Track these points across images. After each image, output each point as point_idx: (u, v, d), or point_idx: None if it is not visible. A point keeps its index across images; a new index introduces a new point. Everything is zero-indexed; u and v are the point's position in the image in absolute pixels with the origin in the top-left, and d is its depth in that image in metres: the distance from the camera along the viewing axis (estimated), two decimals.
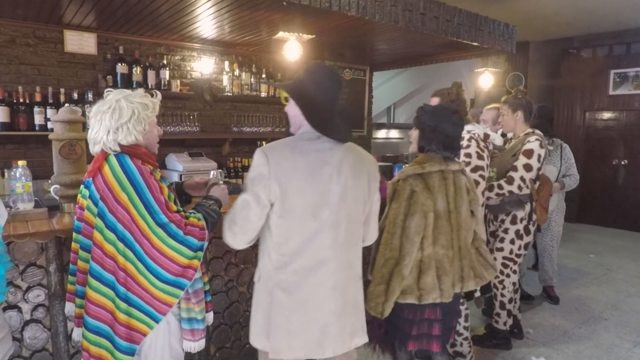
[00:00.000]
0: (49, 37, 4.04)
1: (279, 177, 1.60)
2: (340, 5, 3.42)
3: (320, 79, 1.69)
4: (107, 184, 1.68)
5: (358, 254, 1.80)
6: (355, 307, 1.78)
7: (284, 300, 1.67)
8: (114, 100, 1.72)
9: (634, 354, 3.21)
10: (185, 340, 1.83)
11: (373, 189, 1.79)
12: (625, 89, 7.02)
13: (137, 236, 1.65)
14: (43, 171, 3.72)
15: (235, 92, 5.03)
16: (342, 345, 1.72)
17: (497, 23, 4.81)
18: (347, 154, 1.70)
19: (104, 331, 1.74)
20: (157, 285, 1.67)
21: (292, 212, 1.63)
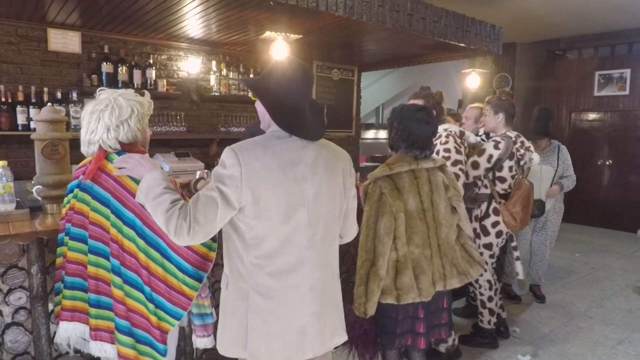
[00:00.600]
0: (32, 35, 3.98)
1: (251, 178, 1.51)
2: (328, 5, 3.42)
3: (287, 75, 1.61)
4: (118, 182, 1.65)
5: (335, 253, 1.77)
6: (334, 306, 1.75)
7: (261, 304, 1.60)
8: (112, 98, 1.70)
9: (618, 351, 3.25)
10: (199, 338, 1.81)
11: (349, 185, 1.75)
12: (610, 90, 7.13)
13: (158, 230, 1.62)
14: (26, 172, 3.66)
15: (222, 92, 5.00)
16: (322, 346, 1.69)
17: (483, 24, 4.85)
18: (320, 152, 1.65)
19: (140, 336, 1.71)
20: (179, 277, 1.66)
21: (266, 213, 1.55)
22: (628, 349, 3.29)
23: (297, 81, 1.62)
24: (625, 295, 4.37)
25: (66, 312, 1.78)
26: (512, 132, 3.14)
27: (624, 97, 7.01)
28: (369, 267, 2.12)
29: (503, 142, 3.02)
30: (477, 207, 3.14)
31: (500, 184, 3.09)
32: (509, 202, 3.02)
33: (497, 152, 3.01)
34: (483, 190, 3.11)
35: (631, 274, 4.99)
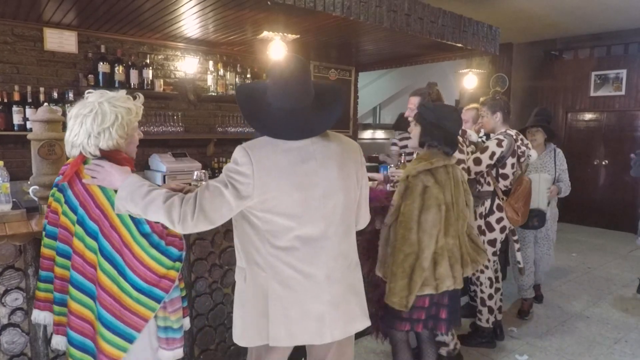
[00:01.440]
0: (28, 34, 3.96)
1: (263, 176, 1.57)
2: (325, 5, 3.41)
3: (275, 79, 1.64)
4: (87, 190, 1.63)
5: (352, 243, 1.81)
6: (352, 294, 1.78)
7: (281, 292, 1.67)
8: (97, 104, 1.65)
9: (615, 350, 3.26)
10: (160, 349, 1.78)
11: (361, 174, 1.80)
12: (606, 90, 7.16)
13: (117, 244, 1.61)
14: (22, 172, 3.64)
15: (219, 92, 4.99)
16: (342, 331, 1.75)
17: (480, 24, 4.86)
18: (329, 146, 1.69)
19: (89, 347, 1.69)
20: (133, 295, 1.63)
21: (279, 208, 1.61)
22: (625, 348, 3.30)
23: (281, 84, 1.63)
24: (622, 295, 4.38)
25: (39, 302, 1.81)
26: (511, 130, 3.22)
27: (620, 97, 7.04)
28: (414, 260, 2.16)
29: (506, 140, 3.09)
30: (481, 205, 3.17)
31: (503, 181, 3.16)
32: (512, 198, 3.12)
33: (500, 150, 3.07)
34: (486, 188, 3.17)
35: (627, 273, 5.01)
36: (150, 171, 4.49)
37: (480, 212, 3.18)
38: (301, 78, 1.64)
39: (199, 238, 2.55)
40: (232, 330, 2.73)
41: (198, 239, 2.54)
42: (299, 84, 1.64)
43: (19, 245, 2.00)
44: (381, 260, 2.33)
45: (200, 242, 2.55)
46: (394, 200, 2.28)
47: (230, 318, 2.72)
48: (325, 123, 1.69)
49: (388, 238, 2.30)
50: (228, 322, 2.71)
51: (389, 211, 2.31)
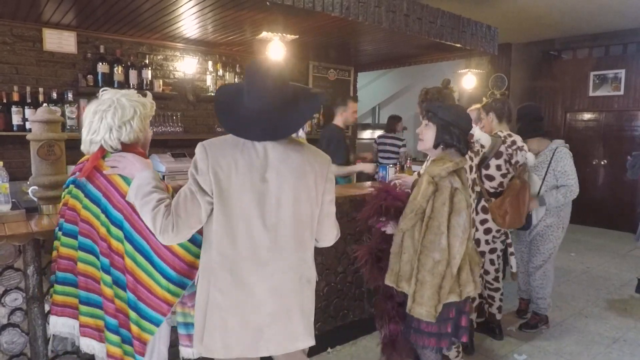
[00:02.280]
0: (27, 35, 3.97)
1: (217, 173, 1.55)
2: (324, 5, 3.42)
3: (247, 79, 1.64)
4: (110, 182, 1.65)
5: (305, 258, 1.71)
6: (298, 311, 1.70)
7: (220, 300, 1.62)
8: (115, 99, 1.71)
9: (613, 349, 3.27)
10: (182, 346, 1.79)
11: (322, 189, 1.71)
12: (605, 90, 7.16)
13: (144, 233, 1.63)
14: (22, 172, 3.65)
15: None
16: (279, 346, 1.68)
17: (479, 25, 4.87)
18: (289, 154, 1.63)
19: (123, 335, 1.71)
20: (162, 284, 1.65)
21: (229, 210, 1.58)
22: (623, 347, 3.31)
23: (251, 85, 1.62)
24: (620, 294, 4.39)
25: (57, 307, 1.80)
26: (503, 131, 3.20)
27: (618, 97, 7.04)
28: (445, 267, 2.02)
29: (483, 137, 3.07)
30: None
31: (489, 182, 3.13)
32: (497, 200, 3.05)
33: (483, 149, 3.05)
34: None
35: (626, 273, 5.02)
36: None
37: None
38: (270, 80, 1.60)
39: None
40: None
41: None
42: (267, 86, 1.60)
43: (19, 245, 2.01)
44: (393, 268, 2.18)
45: None
46: (416, 204, 2.09)
47: None
48: (289, 127, 1.63)
49: (401, 244, 2.15)
50: None
51: (403, 216, 2.15)
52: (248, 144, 1.61)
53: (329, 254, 3.12)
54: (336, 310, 3.23)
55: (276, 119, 1.61)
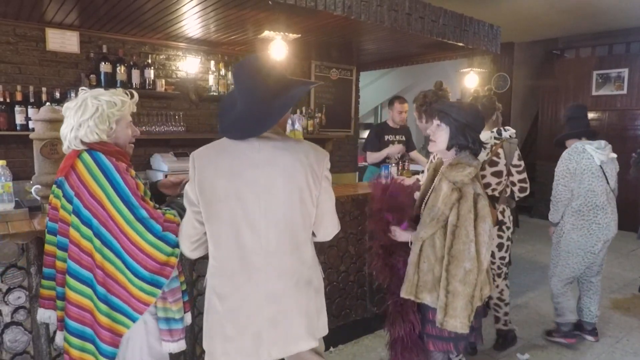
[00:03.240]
0: (30, 35, 3.97)
1: (202, 180, 1.58)
2: (326, 4, 3.42)
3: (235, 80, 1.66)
4: (81, 180, 1.66)
5: (302, 260, 1.68)
6: (298, 313, 1.67)
7: (218, 306, 1.64)
8: (82, 99, 1.72)
9: (616, 349, 3.26)
10: (164, 342, 1.80)
11: (318, 187, 1.65)
12: (608, 89, 7.15)
13: (114, 232, 1.64)
14: (25, 172, 3.66)
15: (221, 92, 5.00)
16: (281, 350, 1.67)
17: (481, 24, 4.86)
18: (277, 154, 1.60)
19: (87, 334, 1.72)
20: (135, 283, 1.66)
21: (217, 216, 1.58)
22: (626, 347, 3.30)
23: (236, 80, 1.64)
24: (624, 294, 4.38)
25: (44, 300, 1.84)
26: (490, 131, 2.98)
27: (621, 96, 7.03)
28: (476, 275, 1.97)
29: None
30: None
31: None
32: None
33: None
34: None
35: (629, 272, 5.00)
36: (152, 171, 4.50)
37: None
38: (248, 78, 1.59)
39: None
40: None
41: None
42: (246, 83, 1.59)
43: (22, 244, 2.01)
44: (411, 279, 2.09)
45: None
46: (437, 211, 2.02)
47: None
48: (270, 118, 1.57)
49: (420, 254, 2.08)
50: None
51: (422, 224, 2.07)
52: (235, 148, 1.59)
53: (330, 253, 3.12)
54: (338, 309, 3.23)
55: (263, 111, 1.57)
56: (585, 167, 3.13)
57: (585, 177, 3.13)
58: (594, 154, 3.13)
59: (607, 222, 3.17)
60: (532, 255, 5.65)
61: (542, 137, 7.99)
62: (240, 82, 1.62)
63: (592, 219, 3.14)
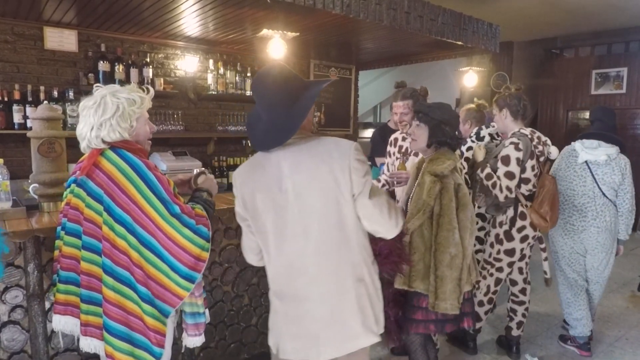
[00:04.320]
0: (28, 33, 3.96)
1: (244, 197, 1.70)
2: (325, 3, 3.41)
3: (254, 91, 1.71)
4: (111, 178, 1.64)
5: (350, 258, 1.67)
6: (353, 310, 1.68)
7: (279, 307, 1.74)
8: (100, 96, 1.69)
9: (616, 348, 3.26)
10: (190, 337, 1.82)
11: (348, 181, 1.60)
12: (607, 88, 7.15)
13: (150, 228, 1.63)
14: (23, 170, 3.63)
15: (220, 91, 4.99)
16: (338, 349, 1.69)
17: (480, 22, 4.85)
18: (299, 160, 1.61)
19: (137, 340, 1.69)
20: (171, 277, 1.66)
21: (261, 229, 1.69)
22: (625, 345, 3.30)
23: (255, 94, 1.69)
24: (623, 293, 4.38)
25: (59, 306, 1.79)
26: (525, 129, 2.91)
27: (620, 95, 7.03)
28: (462, 260, 2.12)
29: (522, 142, 2.80)
30: (502, 213, 2.94)
31: (525, 186, 2.88)
32: (535, 203, 2.85)
33: (521, 153, 2.78)
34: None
35: (628, 272, 5.00)
36: None
37: (500, 220, 2.95)
38: (265, 89, 1.63)
39: None
40: (232, 327, 2.76)
41: None
42: (265, 94, 1.64)
43: (19, 242, 2.01)
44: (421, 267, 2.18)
45: None
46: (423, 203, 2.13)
47: (230, 316, 2.73)
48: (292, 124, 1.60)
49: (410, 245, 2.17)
50: (228, 319, 2.72)
51: (409, 216, 2.17)
52: (266, 161, 1.66)
53: None
54: None
55: (284, 119, 1.60)
56: (568, 164, 3.11)
57: (568, 175, 3.11)
58: (579, 152, 3.06)
59: (583, 227, 3.06)
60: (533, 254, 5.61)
61: None
62: (259, 95, 1.66)
63: (567, 218, 3.11)
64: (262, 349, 2.88)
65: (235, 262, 2.70)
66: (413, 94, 2.97)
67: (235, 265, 2.71)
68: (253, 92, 1.71)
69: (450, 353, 3.17)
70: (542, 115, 7.97)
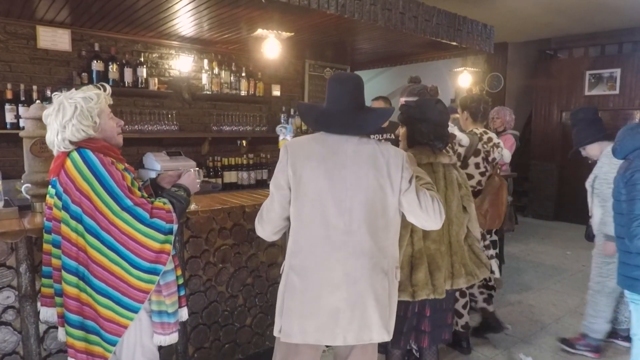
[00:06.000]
0: (21, 32, 3.93)
1: (294, 162, 1.74)
2: (319, 3, 3.41)
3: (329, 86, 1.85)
4: (68, 177, 1.69)
5: (381, 247, 1.77)
6: (373, 299, 1.74)
7: (297, 283, 1.74)
8: (57, 102, 1.75)
9: (610, 347, 3.28)
10: (156, 334, 1.82)
11: (399, 177, 1.77)
12: (600, 89, 7.19)
13: (103, 224, 1.66)
14: (15, 171, 3.61)
15: (214, 91, 4.98)
16: (355, 335, 1.73)
17: (475, 23, 4.86)
18: (362, 147, 1.77)
19: (89, 327, 1.74)
20: (133, 273, 1.68)
21: (305, 196, 1.72)
22: (618, 345, 3.31)
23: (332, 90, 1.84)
24: None
25: (45, 299, 1.87)
26: (478, 129, 3.17)
27: (614, 96, 7.07)
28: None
29: (464, 139, 3.01)
30: None
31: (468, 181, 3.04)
32: (476, 199, 2.97)
33: (462, 149, 3.01)
34: None
35: None
36: (145, 170, 4.47)
37: None
38: (349, 87, 1.82)
39: (193, 236, 2.54)
40: (226, 328, 2.75)
41: (192, 237, 2.54)
42: (346, 91, 1.81)
43: (11, 243, 1.99)
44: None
45: (194, 240, 2.54)
46: None
47: (225, 316, 2.72)
48: (363, 126, 1.82)
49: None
50: (222, 320, 2.71)
51: None
52: (326, 138, 1.78)
53: None
54: None
55: (352, 117, 1.79)
56: None
57: None
58: None
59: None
60: (526, 255, 5.67)
61: (535, 137, 8.03)
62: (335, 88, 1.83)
63: None
64: (257, 350, 2.87)
65: (230, 262, 2.69)
66: (421, 91, 2.93)
67: (230, 265, 2.70)
68: (332, 87, 1.84)
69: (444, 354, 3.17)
70: (536, 115, 8.01)
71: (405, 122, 2.25)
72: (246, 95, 5.23)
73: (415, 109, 2.21)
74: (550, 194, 7.87)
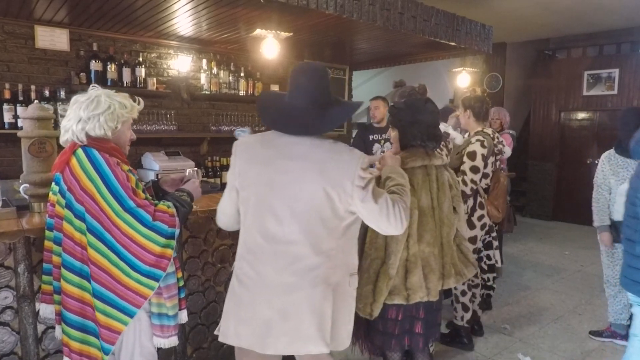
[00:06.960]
0: (19, 32, 3.93)
1: (241, 164, 1.69)
2: (318, 3, 3.41)
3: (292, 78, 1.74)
4: (73, 175, 1.68)
5: (326, 255, 1.64)
6: (312, 312, 1.63)
7: (237, 288, 1.72)
8: (94, 94, 1.75)
9: (607, 346, 3.28)
10: (155, 337, 1.81)
11: (351, 185, 1.61)
12: (599, 89, 7.20)
13: (106, 224, 1.65)
14: (13, 171, 3.60)
15: (213, 91, 4.97)
16: (288, 347, 1.65)
17: (474, 23, 4.87)
18: (313, 150, 1.64)
19: (89, 327, 1.73)
20: (132, 276, 1.66)
21: (248, 201, 1.68)
22: (616, 345, 3.32)
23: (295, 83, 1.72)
24: None
25: (45, 295, 1.86)
26: (488, 129, 3.22)
27: (612, 96, 7.08)
28: (379, 266, 2.03)
29: (486, 140, 3.06)
30: (464, 203, 3.11)
31: (485, 180, 3.13)
32: (491, 196, 3.20)
33: (486, 150, 3.04)
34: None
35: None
36: (143, 170, 4.47)
37: None
38: (315, 81, 1.69)
39: (192, 236, 2.54)
40: None
41: (191, 237, 2.54)
42: (312, 86, 1.68)
43: (9, 243, 1.99)
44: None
45: (193, 240, 2.54)
46: None
47: None
48: (322, 125, 1.67)
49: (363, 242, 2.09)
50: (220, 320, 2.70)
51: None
52: (276, 140, 1.68)
53: None
54: None
55: (313, 116, 1.66)
56: None
57: None
58: None
59: None
60: (525, 255, 5.68)
61: (534, 137, 8.04)
62: (299, 84, 1.70)
63: None
64: None
65: (229, 262, 2.69)
66: (411, 93, 2.96)
67: (229, 265, 2.69)
68: (294, 78, 1.72)
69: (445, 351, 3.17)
70: (534, 115, 8.02)
71: (396, 125, 2.19)
72: (245, 95, 5.23)
73: (406, 111, 2.15)
74: (548, 194, 7.89)
